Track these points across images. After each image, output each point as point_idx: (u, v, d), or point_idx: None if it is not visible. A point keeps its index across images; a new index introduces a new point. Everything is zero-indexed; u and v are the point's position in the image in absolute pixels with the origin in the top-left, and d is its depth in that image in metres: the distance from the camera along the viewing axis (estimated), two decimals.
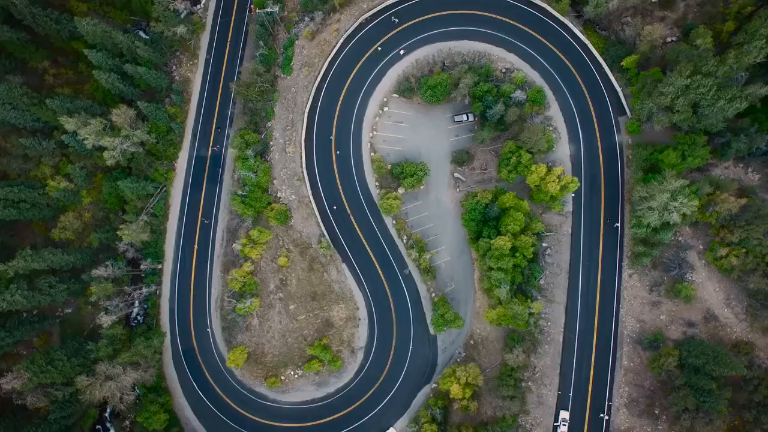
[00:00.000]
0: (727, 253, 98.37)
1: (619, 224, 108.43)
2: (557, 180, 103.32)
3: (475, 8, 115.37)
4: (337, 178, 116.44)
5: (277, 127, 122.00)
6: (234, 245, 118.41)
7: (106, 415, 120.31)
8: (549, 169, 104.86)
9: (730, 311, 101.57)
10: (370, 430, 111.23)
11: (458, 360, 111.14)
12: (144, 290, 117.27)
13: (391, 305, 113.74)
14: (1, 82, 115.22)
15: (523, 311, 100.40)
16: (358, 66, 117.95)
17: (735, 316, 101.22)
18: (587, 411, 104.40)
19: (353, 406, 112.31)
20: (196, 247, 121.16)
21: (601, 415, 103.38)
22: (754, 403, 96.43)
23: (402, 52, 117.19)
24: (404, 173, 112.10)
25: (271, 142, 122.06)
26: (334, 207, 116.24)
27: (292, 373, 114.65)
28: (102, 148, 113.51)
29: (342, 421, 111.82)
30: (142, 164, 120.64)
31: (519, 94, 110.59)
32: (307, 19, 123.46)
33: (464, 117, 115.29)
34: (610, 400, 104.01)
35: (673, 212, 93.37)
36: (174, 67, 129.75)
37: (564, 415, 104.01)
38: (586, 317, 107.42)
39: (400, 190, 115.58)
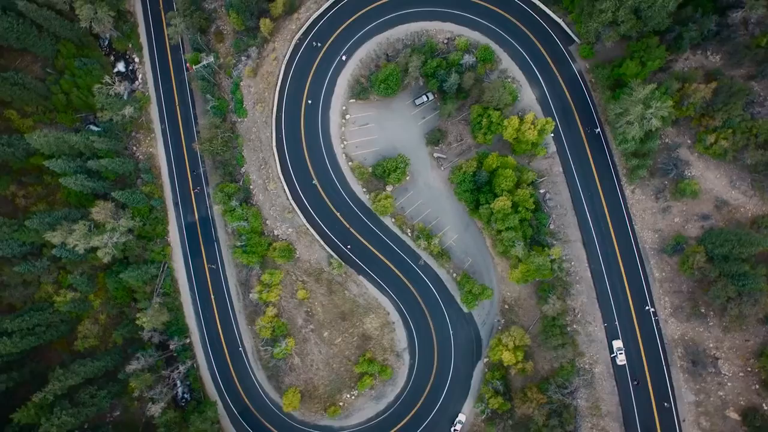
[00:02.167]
0: (716, 138, 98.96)
1: (599, 129, 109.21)
2: (532, 126, 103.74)
3: None
4: (325, 198, 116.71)
5: (252, 170, 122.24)
6: (250, 295, 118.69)
7: None
8: (521, 119, 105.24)
9: (737, 192, 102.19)
10: (441, 423, 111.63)
11: (499, 328, 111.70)
12: (181, 368, 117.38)
13: (419, 299, 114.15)
14: None
15: (544, 261, 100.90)
16: (307, 85, 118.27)
17: (744, 195, 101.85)
18: (637, 331, 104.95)
19: (417, 407, 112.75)
20: (212, 296, 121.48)
21: (651, 312, 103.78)
22: None
23: (344, 57, 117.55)
24: (386, 171, 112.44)
25: (251, 186, 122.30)
26: (333, 226, 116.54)
27: (348, 396, 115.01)
28: (94, 249, 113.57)
29: (412, 424, 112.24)
30: (136, 250, 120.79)
31: (468, 59, 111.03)
32: (243, 58, 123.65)
33: (424, 98, 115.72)
34: (655, 315, 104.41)
35: (651, 119, 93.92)
36: (135, 148, 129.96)
37: (617, 344, 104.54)
38: (604, 245, 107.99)
39: (389, 188, 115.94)
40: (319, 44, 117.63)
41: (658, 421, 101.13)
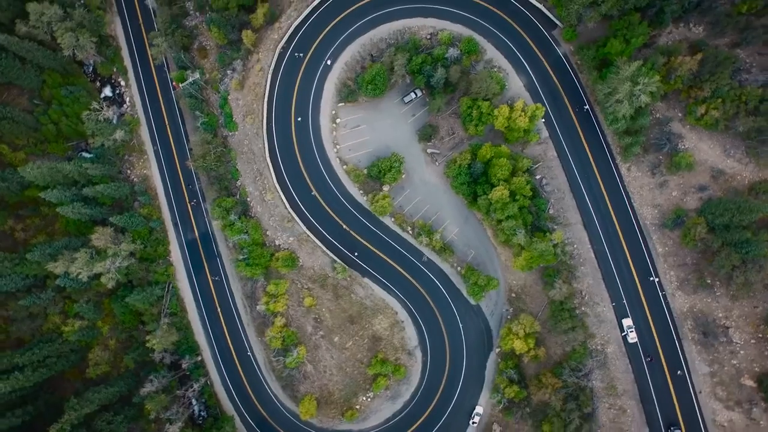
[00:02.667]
0: (706, 108, 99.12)
1: (587, 107, 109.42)
2: (523, 113, 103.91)
3: None
4: (324, 204, 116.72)
5: (248, 182, 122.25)
6: (258, 307, 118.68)
7: None
8: (511, 107, 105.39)
9: (732, 160, 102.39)
10: (458, 417, 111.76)
11: (508, 317, 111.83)
12: (195, 386, 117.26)
13: (426, 295, 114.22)
14: None
15: (546, 246, 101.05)
16: (295, 93, 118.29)
17: (739, 163, 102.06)
18: (645, 307, 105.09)
19: (433, 403, 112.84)
20: (219, 312, 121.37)
21: (656, 283, 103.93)
22: None
23: (329, 62, 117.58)
24: (382, 171, 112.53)
25: (248, 198, 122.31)
26: (334, 231, 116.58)
27: (364, 398, 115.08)
28: (97, 275, 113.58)
29: (430, 421, 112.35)
30: (140, 273, 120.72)
31: (452, 52, 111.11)
32: (229, 72, 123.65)
33: (413, 95, 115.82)
34: (662, 289, 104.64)
35: (640, 95, 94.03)
36: (129, 171, 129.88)
37: (627, 322, 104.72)
38: (605, 225, 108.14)
39: (385, 188, 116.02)
40: (301, 55, 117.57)
41: (675, 395, 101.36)
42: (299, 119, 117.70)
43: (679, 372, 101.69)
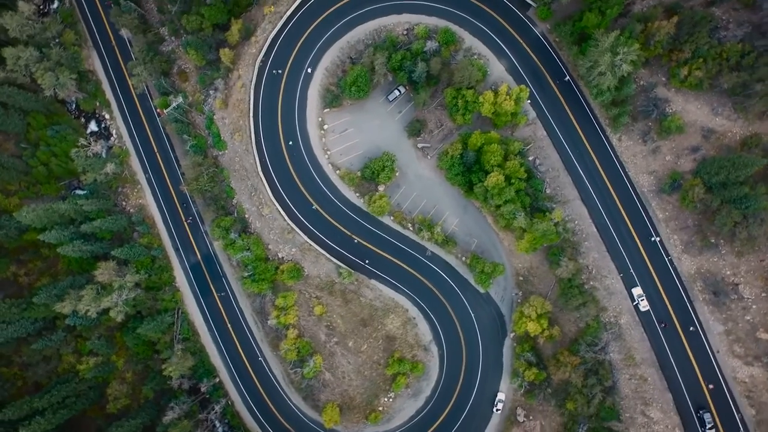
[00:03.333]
0: (689, 70, 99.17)
1: (568, 77, 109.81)
2: (508, 97, 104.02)
3: None
4: (322, 211, 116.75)
5: (243, 199, 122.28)
6: (269, 322, 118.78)
7: None
8: (495, 92, 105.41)
9: (721, 118, 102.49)
10: (482, 406, 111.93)
11: (518, 301, 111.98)
12: (217, 408, 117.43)
13: (434, 289, 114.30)
14: None
15: (548, 226, 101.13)
16: (279, 104, 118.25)
17: (728, 120, 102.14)
18: (653, 274, 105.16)
19: (455, 395, 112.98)
20: (232, 331, 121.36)
21: (658, 242, 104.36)
22: None
23: (309, 70, 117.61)
24: (375, 172, 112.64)
25: (246, 215, 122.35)
26: (335, 236, 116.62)
27: (386, 399, 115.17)
28: (106, 310, 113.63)
29: (454, 413, 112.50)
30: (147, 303, 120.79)
31: (431, 45, 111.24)
32: (211, 92, 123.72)
33: (396, 92, 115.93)
34: (667, 253, 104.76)
35: (621, 65, 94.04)
36: (124, 203, 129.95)
37: (637, 291, 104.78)
38: (603, 197, 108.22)
39: (381, 188, 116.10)
40: (279, 71, 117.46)
41: (693, 357, 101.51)
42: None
43: (691, 328, 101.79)
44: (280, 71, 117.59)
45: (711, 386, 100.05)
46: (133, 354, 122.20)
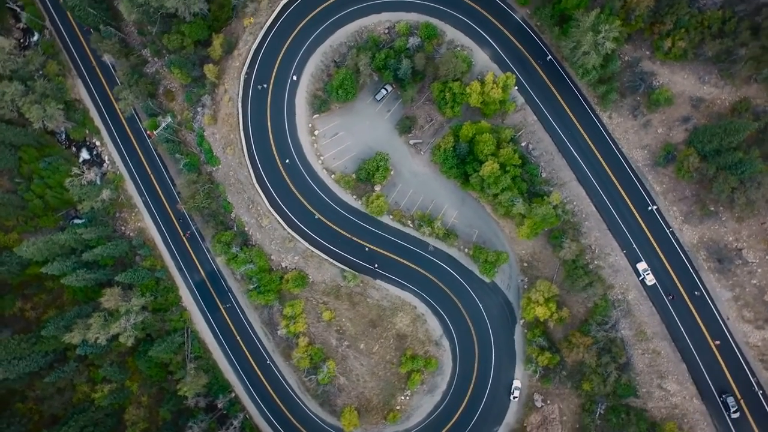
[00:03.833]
0: (672, 41, 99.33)
1: (550, 56, 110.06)
2: (495, 85, 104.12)
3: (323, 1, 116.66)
4: (321, 216, 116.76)
5: (241, 212, 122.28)
6: (278, 332, 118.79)
7: None
8: (482, 82, 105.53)
9: (708, 86, 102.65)
10: (499, 395, 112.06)
11: (525, 287, 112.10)
12: (235, 423, 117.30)
13: (440, 284, 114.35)
14: None
15: (547, 210, 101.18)
16: (268, 115, 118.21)
17: (715, 87, 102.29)
18: (656, 248, 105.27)
19: (471, 387, 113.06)
20: (242, 345, 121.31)
21: (655, 210, 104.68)
22: None
23: (295, 77, 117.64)
24: (370, 172, 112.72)
25: (245, 228, 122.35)
26: (336, 241, 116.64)
27: (402, 398, 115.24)
28: (115, 336, 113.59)
29: (471, 405, 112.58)
30: (156, 325, 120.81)
31: (413, 41, 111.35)
32: (199, 108, 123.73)
33: (383, 91, 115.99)
34: (668, 227, 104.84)
35: (604, 42, 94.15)
36: (123, 228, 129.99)
37: (641, 266, 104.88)
38: (598, 176, 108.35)
39: (377, 188, 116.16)
40: (264, 85, 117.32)
41: (704, 326, 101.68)
42: (278, 140, 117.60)
43: (696, 292, 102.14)
44: (265, 85, 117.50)
45: (717, 342, 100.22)
46: (146, 377, 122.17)
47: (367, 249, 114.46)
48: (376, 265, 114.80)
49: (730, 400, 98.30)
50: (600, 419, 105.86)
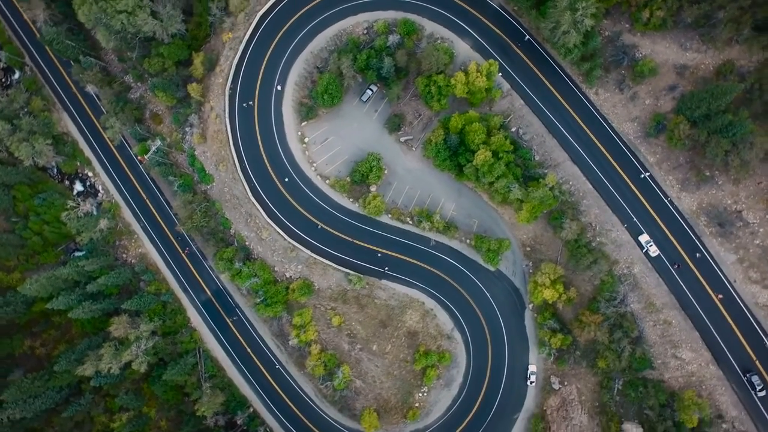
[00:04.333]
0: (650, 12, 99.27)
1: (528, 37, 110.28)
2: (479, 74, 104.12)
3: (301, 6, 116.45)
4: (320, 223, 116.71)
5: (240, 227, 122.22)
6: (290, 343, 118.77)
7: None
8: (465, 72, 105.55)
9: (691, 52, 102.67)
10: (516, 382, 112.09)
11: (530, 271, 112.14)
12: None
13: (445, 277, 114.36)
14: (9, 386, 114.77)
15: (544, 192, 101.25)
16: (257, 127, 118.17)
17: (698, 53, 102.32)
18: (656, 218, 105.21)
19: (487, 377, 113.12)
20: (255, 359, 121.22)
21: (648, 177, 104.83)
22: (764, 101, 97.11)
23: (279, 87, 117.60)
24: (364, 174, 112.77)
25: (246, 242, 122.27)
26: (338, 246, 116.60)
27: (420, 395, 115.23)
28: (128, 364, 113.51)
29: (490, 395, 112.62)
30: (167, 348, 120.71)
31: (393, 38, 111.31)
32: (188, 128, 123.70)
33: (369, 92, 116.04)
34: (666, 197, 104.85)
35: (583, 20, 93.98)
36: (124, 255, 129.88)
37: (644, 238, 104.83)
38: (591, 153, 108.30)
39: (373, 188, 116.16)
40: (250, 103, 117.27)
41: (711, 291, 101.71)
42: (269, 151, 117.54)
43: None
44: (250, 102, 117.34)
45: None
46: (163, 401, 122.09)
47: (379, 255, 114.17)
48: (386, 269, 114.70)
49: (755, 379, 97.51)
50: (618, 395, 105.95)
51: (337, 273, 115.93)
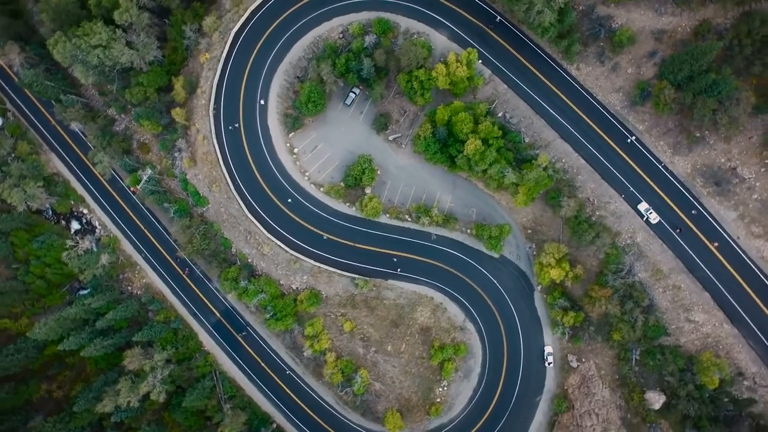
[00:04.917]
0: None
1: (499, 18, 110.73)
2: (458, 63, 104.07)
3: (275, 18, 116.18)
4: (320, 232, 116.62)
5: (241, 245, 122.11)
6: (305, 354, 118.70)
7: None
8: (445, 63, 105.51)
9: (667, 16, 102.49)
10: (534, 365, 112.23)
11: (534, 253, 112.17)
12: None
13: (451, 269, 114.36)
14: None
15: (538, 173, 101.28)
16: (245, 144, 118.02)
17: (673, 16, 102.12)
18: (652, 185, 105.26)
19: (504, 363, 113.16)
20: (272, 375, 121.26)
21: (635, 141, 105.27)
22: (744, 57, 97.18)
23: (262, 101, 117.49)
24: (357, 177, 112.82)
25: (249, 260, 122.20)
26: (341, 252, 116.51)
27: (440, 390, 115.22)
28: (146, 395, 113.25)
29: (509, 380, 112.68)
30: (184, 375, 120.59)
31: (369, 39, 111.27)
32: (176, 154, 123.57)
33: (352, 95, 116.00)
34: (659, 162, 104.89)
35: None
36: (129, 288, 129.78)
37: (643, 206, 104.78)
38: (580, 129, 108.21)
39: (368, 190, 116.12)
40: (236, 125, 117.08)
41: (717, 250, 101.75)
42: (260, 166, 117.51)
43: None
44: (236, 125, 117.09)
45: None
46: (186, 428, 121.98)
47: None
48: (399, 270, 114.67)
49: None
50: (637, 365, 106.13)
51: (343, 279, 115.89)
